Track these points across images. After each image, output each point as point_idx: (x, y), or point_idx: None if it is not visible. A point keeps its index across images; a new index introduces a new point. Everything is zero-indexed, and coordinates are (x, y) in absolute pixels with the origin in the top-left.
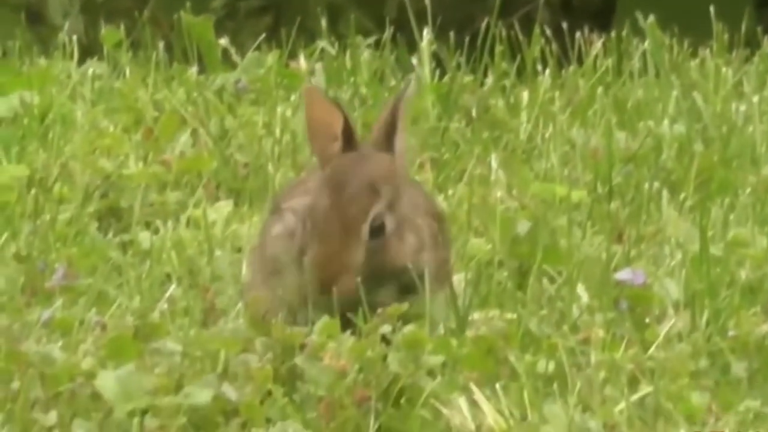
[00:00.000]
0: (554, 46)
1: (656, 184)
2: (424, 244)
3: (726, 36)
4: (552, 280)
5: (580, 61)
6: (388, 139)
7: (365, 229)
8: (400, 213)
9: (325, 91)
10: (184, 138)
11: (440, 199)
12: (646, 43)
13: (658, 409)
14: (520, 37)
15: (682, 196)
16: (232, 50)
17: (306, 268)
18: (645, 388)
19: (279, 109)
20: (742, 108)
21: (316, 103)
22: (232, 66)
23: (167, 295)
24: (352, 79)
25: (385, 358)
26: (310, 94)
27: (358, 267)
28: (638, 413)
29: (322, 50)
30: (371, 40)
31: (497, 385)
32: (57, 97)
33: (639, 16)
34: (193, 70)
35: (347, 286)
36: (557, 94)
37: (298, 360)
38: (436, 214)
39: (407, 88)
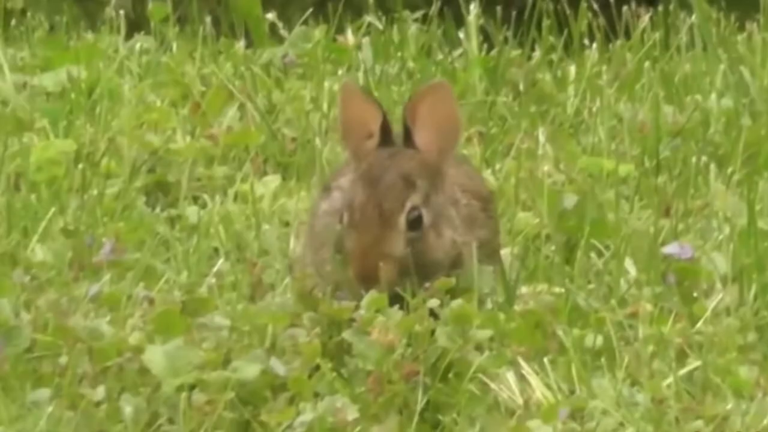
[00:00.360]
0: (601, 20)
1: (704, 158)
2: (461, 233)
3: None
4: (600, 254)
5: (628, 35)
6: (408, 139)
7: (402, 220)
8: (437, 208)
9: (362, 87)
10: (232, 112)
11: (488, 174)
12: (694, 17)
13: (706, 383)
14: (568, 11)
15: (730, 170)
16: (280, 24)
17: (345, 259)
18: (693, 362)
19: (326, 84)
20: None
21: (353, 100)
22: (280, 40)
23: (215, 269)
24: (399, 54)
25: (433, 332)
26: (347, 91)
27: (398, 258)
28: (686, 387)
29: (370, 24)
30: (418, 14)
31: (545, 360)
32: (104, 71)
33: None
34: (241, 44)
35: (388, 276)
36: (604, 68)
37: (346, 334)
38: (480, 195)
39: (423, 88)
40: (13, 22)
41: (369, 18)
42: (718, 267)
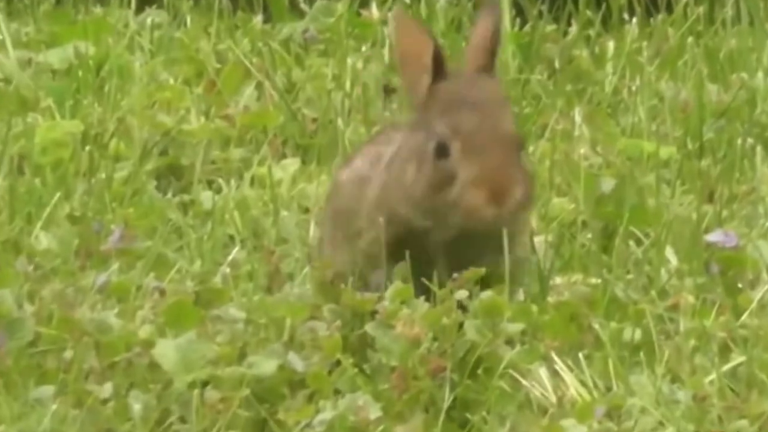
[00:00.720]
0: None
1: (750, 140)
2: None
3: None
4: (639, 242)
5: (670, 9)
6: (489, 61)
7: (519, 142)
8: None
9: (414, 17)
10: (249, 91)
11: None
12: None
13: (750, 380)
14: None
15: None
16: None
17: (461, 189)
18: (737, 358)
19: (349, 61)
20: None
21: (404, 31)
22: (300, 14)
23: (230, 258)
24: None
25: (461, 325)
26: (399, 22)
27: (525, 181)
28: (730, 384)
29: None
30: None
31: (580, 355)
32: (113, 47)
33: None
34: (258, 18)
35: (519, 198)
36: (645, 44)
37: (369, 328)
38: None
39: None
40: None
41: None
42: (765, 256)
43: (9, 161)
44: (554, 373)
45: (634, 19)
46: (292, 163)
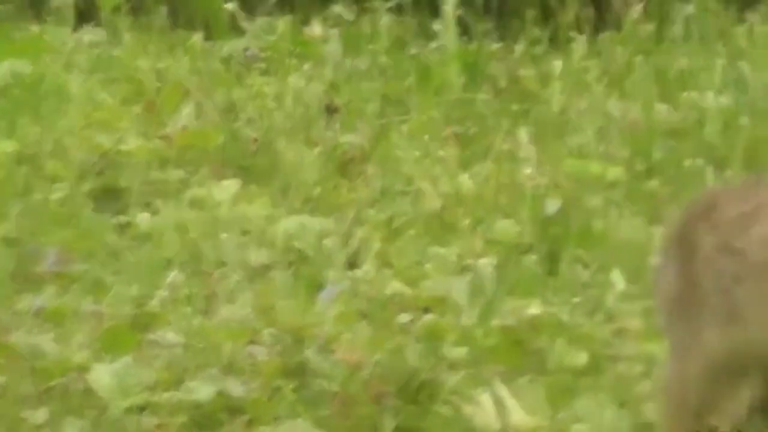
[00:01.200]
0: (590, 10)
1: (699, 161)
2: None
3: None
4: (585, 265)
5: (618, 27)
6: None
7: None
8: None
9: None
10: (188, 111)
11: (465, 178)
12: (690, 7)
13: None
14: (553, 0)
15: (728, 173)
16: (241, 15)
17: None
18: None
19: (291, 80)
20: None
21: None
22: (241, 32)
23: (168, 281)
24: (370, 47)
25: (403, 350)
26: None
27: None
28: None
29: (339, 15)
30: (392, 3)
31: (525, 380)
32: (50, 66)
33: None
34: (198, 36)
35: None
36: (593, 62)
37: (309, 353)
38: None
39: None
40: None
41: (338, 8)
42: None
43: None
44: (498, 400)
45: (582, 38)
46: (232, 184)
